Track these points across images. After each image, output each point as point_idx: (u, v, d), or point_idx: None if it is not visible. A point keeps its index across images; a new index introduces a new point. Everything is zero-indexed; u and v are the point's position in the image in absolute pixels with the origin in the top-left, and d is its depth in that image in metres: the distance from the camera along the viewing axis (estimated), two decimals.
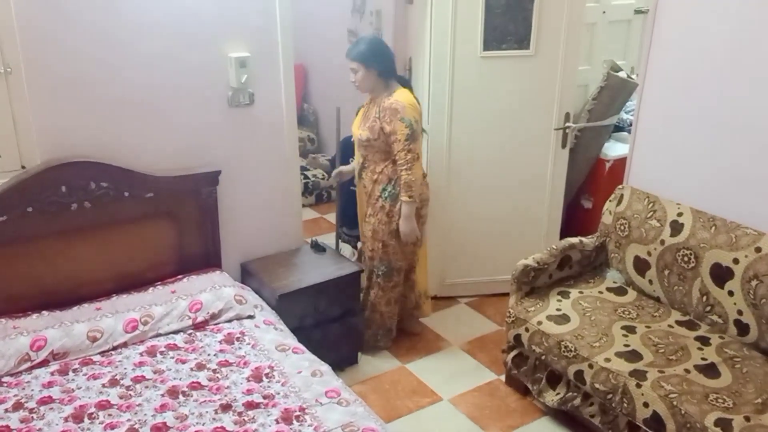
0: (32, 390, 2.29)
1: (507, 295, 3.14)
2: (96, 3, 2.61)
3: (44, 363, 2.42)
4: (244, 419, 2.19)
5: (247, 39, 3.00)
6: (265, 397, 2.29)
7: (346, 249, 4.04)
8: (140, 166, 2.82)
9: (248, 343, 2.61)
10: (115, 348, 2.54)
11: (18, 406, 2.21)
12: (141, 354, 2.52)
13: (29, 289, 2.66)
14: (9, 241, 2.58)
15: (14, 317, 2.56)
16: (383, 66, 3.12)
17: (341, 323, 3.22)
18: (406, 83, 3.26)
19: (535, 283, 3.11)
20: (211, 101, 3.00)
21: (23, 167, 2.64)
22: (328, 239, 3.83)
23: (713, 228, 2.82)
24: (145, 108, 2.84)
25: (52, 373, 2.38)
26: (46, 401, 2.24)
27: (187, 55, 2.87)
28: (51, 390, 2.30)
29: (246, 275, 3.24)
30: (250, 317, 2.79)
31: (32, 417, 2.16)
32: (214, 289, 2.82)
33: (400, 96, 3.08)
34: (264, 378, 2.40)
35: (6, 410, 2.19)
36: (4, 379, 2.34)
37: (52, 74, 2.60)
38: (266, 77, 3.11)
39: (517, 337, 3.00)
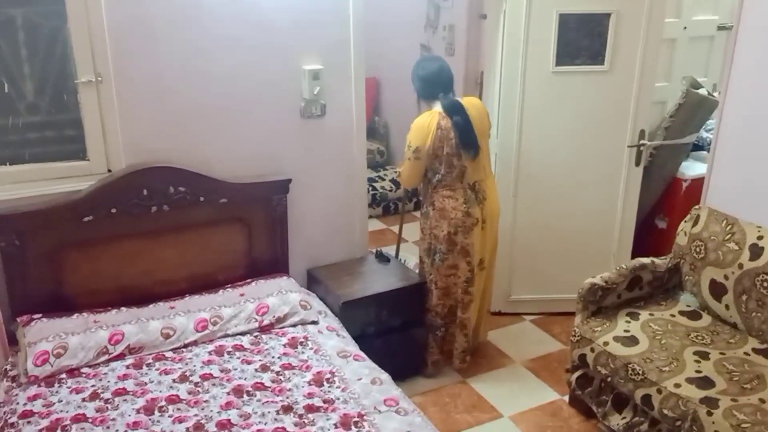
0: (108, 381, 2.42)
1: (573, 314, 3.08)
2: (180, 18, 2.76)
3: (121, 356, 2.55)
4: (304, 422, 2.23)
5: (321, 52, 3.09)
6: (325, 402, 2.33)
7: (410, 260, 4.06)
8: (215, 172, 2.94)
9: (311, 348, 2.66)
10: (186, 345, 2.65)
11: (95, 396, 2.33)
12: (210, 353, 2.61)
13: (110, 285, 2.81)
14: (94, 239, 2.74)
15: (95, 311, 2.70)
16: (417, 88, 3.20)
17: (403, 334, 3.23)
18: (450, 103, 3.09)
19: (603, 302, 3.03)
20: (285, 112, 3.10)
21: (109, 171, 2.80)
22: (394, 250, 3.87)
23: None
24: (222, 117, 2.96)
25: (127, 367, 2.51)
26: (120, 393, 2.36)
27: (263, 67, 2.98)
28: (126, 382, 2.42)
29: (312, 281, 3.31)
30: (314, 323, 2.85)
31: (107, 407, 2.28)
32: (280, 294, 2.89)
33: (418, 117, 3.12)
34: (325, 383, 2.44)
35: (83, 399, 2.31)
36: (84, 370, 2.47)
37: (138, 84, 2.76)
38: (338, 89, 3.18)
39: (582, 357, 2.93)
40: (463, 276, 3.22)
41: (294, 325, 2.82)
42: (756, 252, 2.81)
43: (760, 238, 2.83)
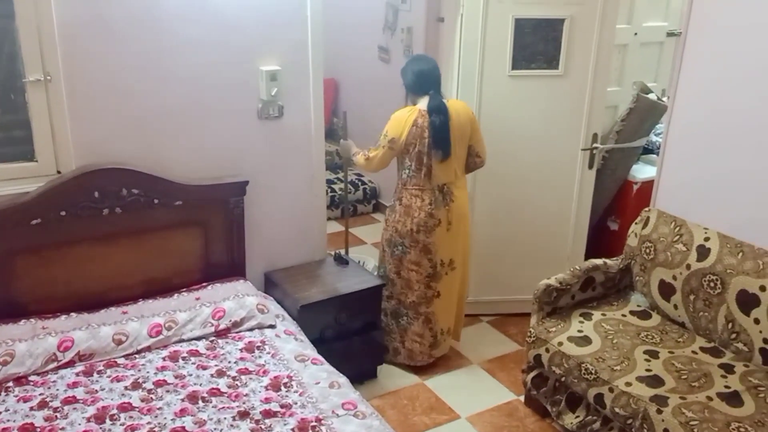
0: (57, 389, 2.35)
1: (529, 315, 3.13)
2: (135, 16, 2.70)
3: (70, 363, 2.48)
4: (261, 427, 2.21)
5: (279, 53, 3.06)
6: (282, 407, 2.31)
7: (369, 263, 4.06)
8: (171, 174, 2.89)
9: (268, 353, 2.64)
10: (139, 352, 2.59)
11: (43, 404, 2.27)
12: (164, 359, 2.57)
13: (60, 290, 2.73)
14: (42, 243, 2.66)
15: (44, 318, 2.62)
16: (408, 82, 3.23)
17: (361, 336, 3.24)
18: (435, 104, 3.13)
19: (557, 303, 3.09)
20: (242, 113, 3.06)
21: (59, 172, 2.73)
22: (352, 252, 3.87)
23: (740, 254, 2.78)
24: (179, 118, 2.91)
25: (77, 374, 2.44)
26: (70, 401, 2.29)
27: (220, 67, 2.94)
28: (75, 390, 2.35)
29: (269, 285, 3.28)
30: (272, 327, 2.82)
31: (56, 416, 2.22)
32: (237, 298, 2.86)
33: (399, 110, 3.21)
34: (282, 387, 2.42)
35: (31, 408, 2.24)
36: (31, 377, 2.40)
37: (89, 83, 2.69)
38: (296, 91, 3.16)
39: (537, 358, 2.98)
40: (425, 272, 3.28)
41: (251, 329, 2.79)
42: (703, 253, 2.90)
43: (706, 239, 2.93)
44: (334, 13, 4.08)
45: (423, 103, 3.16)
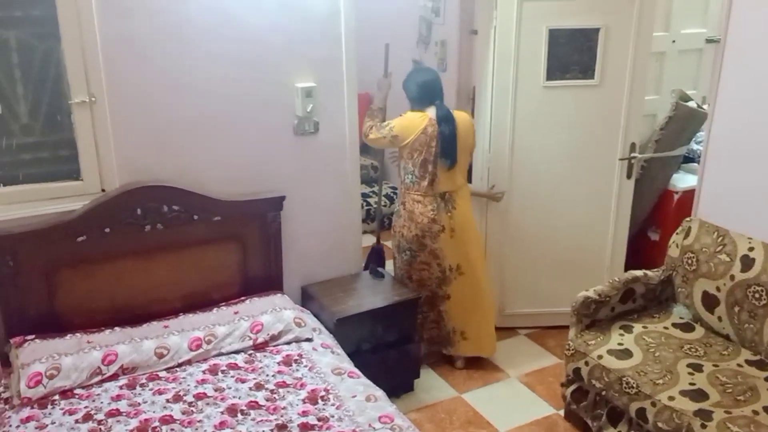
0: (101, 402, 2.41)
1: (568, 327, 3.08)
2: (172, 36, 2.78)
3: (114, 377, 2.54)
4: None
5: (313, 70, 3.11)
6: (319, 420, 2.33)
7: None
8: (209, 190, 2.95)
9: (305, 366, 2.66)
10: (179, 365, 2.64)
11: (87, 417, 2.33)
12: (203, 372, 2.61)
13: (103, 305, 2.81)
14: (87, 259, 2.74)
15: (89, 332, 2.70)
16: (414, 94, 3.32)
17: (398, 349, 3.24)
18: (444, 113, 3.21)
19: (597, 315, 3.04)
20: (278, 129, 3.11)
21: (103, 190, 2.81)
22: (389, 265, 3.87)
23: None
24: (216, 135, 2.98)
25: (120, 387, 2.50)
26: (113, 414, 2.35)
27: (256, 85, 3.00)
28: (119, 403, 2.41)
29: (306, 298, 3.31)
30: (309, 340, 2.85)
31: (100, 428, 2.27)
32: (274, 312, 2.89)
33: (412, 112, 3.28)
34: (319, 400, 2.44)
35: (76, 421, 2.30)
36: (77, 391, 2.46)
37: (131, 104, 2.78)
38: (331, 107, 3.21)
39: (577, 371, 2.94)
40: (434, 274, 3.40)
41: (288, 343, 2.82)
42: (747, 263, 2.83)
43: (750, 249, 2.85)
44: (367, 27, 4.12)
45: (431, 112, 3.22)
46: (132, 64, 2.74)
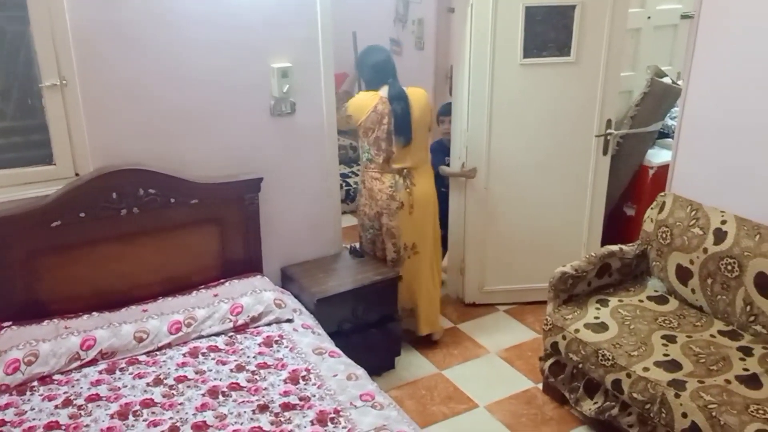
0: (81, 388, 2.40)
1: (546, 302, 3.13)
2: (146, 18, 2.73)
3: (93, 362, 2.53)
4: (280, 420, 2.24)
5: (290, 50, 3.08)
6: (301, 399, 2.35)
7: None
8: (186, 173, 2.93)
9: (286, 347, 2.67)
10: (159, 348, 2.64)
11: (67, 402, 2.32)
12: (184, 355, 2.61)
13: (81, 290, 2.79)
14: (63, 245, 2.71)
15: (66, 317, 2.68)
16: (367, 75, 3.39)
17: (379, 328, 3.26)
18: (396, 92, 3.29)
19: (574, 290, 3.09)
20: (254, 110, 3.09)
21: (77, 174, 2.78)
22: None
23: (758, 236, 2.76)
24: (191, 117, 2.95)
25: (100, 372, 2.49)
26: (93, 399, 2.34)
27: (232, 66, 2.97)
28: (99, 388, 2.40)
29: (286, 280, 3.31)
30: (289, 321, 2.86)
31: (80, 413, 2.27)
32: (254, 293, 2.89)
33: (362, 93, 3.38)
34: (300, 380, 2.46)
35: (56, 406, 2.30)
36: (55, 377, 2.45)
37: (104, 86, 2.73)
38: (307, 87, 3.18)
39: (554, 345, 2.99)
40: (389, 255, 3.42)
41: (269, 324, 2.83)
42: (719, 236, 2.88)
43: (723, 222, 2.90)
44: (344, 7, 4.09)
45: (383, 91, 3.27)
46: (106, 47, 2.69)
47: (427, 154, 3.47)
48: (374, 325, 3.25)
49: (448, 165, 3.84)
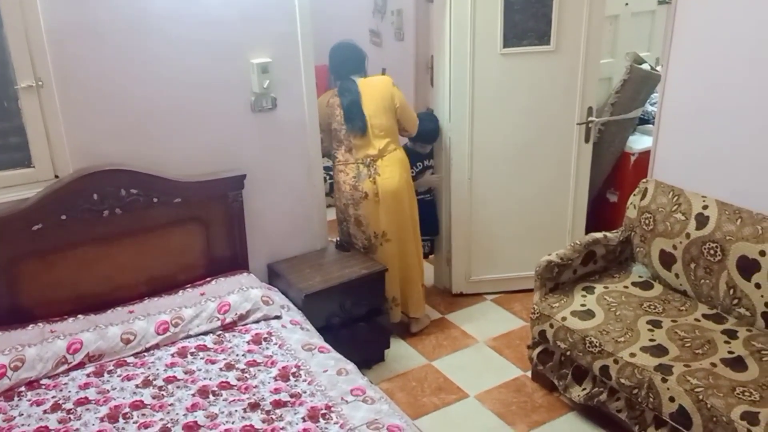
0: (69, 391, 2.38)
1: (533, 291, 3.15)
2: (121, 18, 2.69)
3: (80, 365, 2.51)
4: (271, 417, 2.24)
5: (269, 45, 3.06)
6: (292, 396, 2.35)
7: None
8: (168, 172, 2.90)
9: (275, 343, 2.67)
10: (147, 349, 2.62)
11: (56, 407, 2.30)
12: (172, 355, 2.60)
13: (65, 293, 2.76)
14: (45, 248, 2.68)
15: (51, 321, 2.65)
16: (330, 71, 3.49)
17: (367, 322, 3.26)
18: (341, 86, 3.38)
19: (560, 278, 3.11)
20: (235, 107, 3.06)
21: (56, 176, 2.74)
22: None
23: (739, 220, 2.79)
24: (172, 115, 2.92)
25: (88, 375, 2.47)
26: (82, 402, 2.33)
27: (211, 63, 2.94)
28: (87, 391, 2.39)
29: (273, 276, 3.30)
30: (277, 318, 2.85)
31: (69, 417, 2.25)
32: (241, 291, 2.88)
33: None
34: (291, 377, 2.46)
35: (44, 411, 2.28)
36: (43, 381, 2.43)
37: (81, 87, 2.69)
38: (288, 81, 3.16)
39: (542, 333, 3.01)
40: (361, 244, 3.47)
41: (257, 322, 2.82)
42: (702, 221, 2.91)
43: (705, 207, 2.93)
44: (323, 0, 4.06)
45: (338, 87, 3.39)
46: (81, 47, 2.65)
47: (396, 140, 3.42)
48: (363, 319, 3.25)
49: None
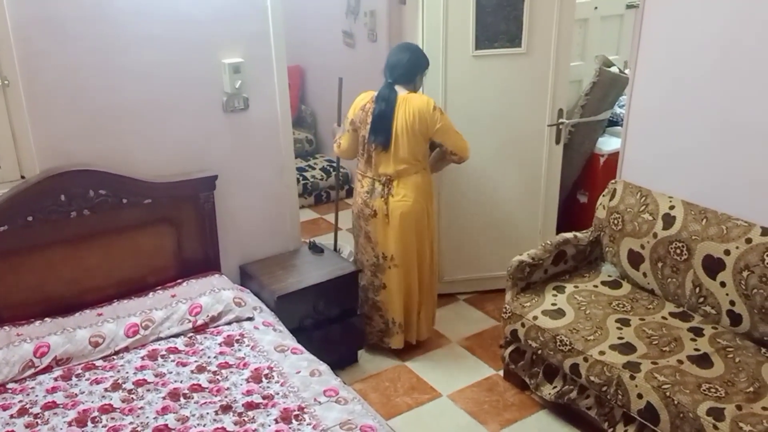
0: (36, 396, 2.34)
1: (505, 291, 3.17)
2: (89, 15, 2.66)
3: (48, 369, 2.47)
4: (244, 419, 2.23)
5: (241, 45, 3.04)
6: (264, 398, 2.34)
7: (345, 249, 4.08)
8: (138, 173, 2.87)
9: (247, 345, 2.65)
10: (116, 353, 2.59)
11: (23, 411, 2.26)
12: (142, 358, 2.57)
13: (32, 296, 2.71)
14: (11, 249, 2.63)
15: (18, 324, 2.60)
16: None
17: (340, 323, 3.26)
18: (381, 91, 3.15)
19: (531, 278, 3.14)
20: (206, 107, 3.04)
21: (23, 177, 2.69)
22: (327, 239, 3.88)
23: (704, 220, 2.85)
24: (141, 115, 2.88)
25: (55, 379, 2.43)
26: (50, 406, 2.29)
27: (181, 62, 2.91)
28: (55, 395, 2.34)
29: (245, 278, 3.28)
30: (250, 319, 2.83)
31: (37, 422, 2.21)
32: (213, 293, 2.86)
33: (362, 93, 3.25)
34: (263, 379, 2.44)
35: (11, 416, 2.23)
36: (9, 385, 2.39)
37: (48, 85, 2.65)
38: (260, 82, 3.15)
39: (514, 333, 3.04)
40: (371, 260, 3.33)
41: (229, 323, 2.80)
42: (668, 221, 2.97)
43: (671, 207, 2.99)
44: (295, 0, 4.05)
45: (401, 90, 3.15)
46: (48, 45, 2.61)
47: (418, 166, 3.17)
48: (336, 320, 3.25)
49: None
